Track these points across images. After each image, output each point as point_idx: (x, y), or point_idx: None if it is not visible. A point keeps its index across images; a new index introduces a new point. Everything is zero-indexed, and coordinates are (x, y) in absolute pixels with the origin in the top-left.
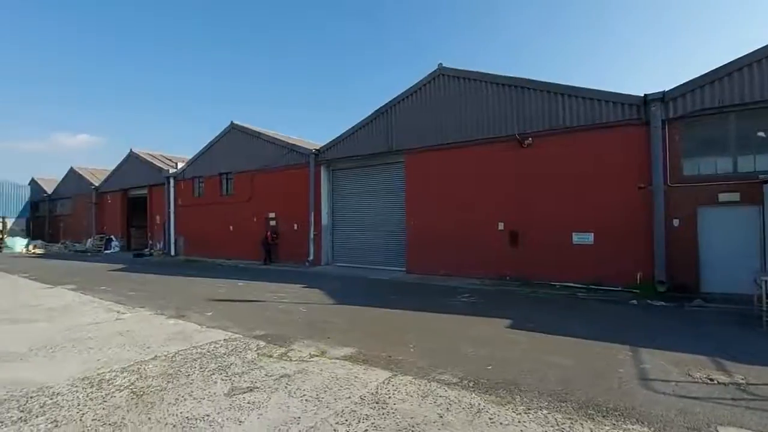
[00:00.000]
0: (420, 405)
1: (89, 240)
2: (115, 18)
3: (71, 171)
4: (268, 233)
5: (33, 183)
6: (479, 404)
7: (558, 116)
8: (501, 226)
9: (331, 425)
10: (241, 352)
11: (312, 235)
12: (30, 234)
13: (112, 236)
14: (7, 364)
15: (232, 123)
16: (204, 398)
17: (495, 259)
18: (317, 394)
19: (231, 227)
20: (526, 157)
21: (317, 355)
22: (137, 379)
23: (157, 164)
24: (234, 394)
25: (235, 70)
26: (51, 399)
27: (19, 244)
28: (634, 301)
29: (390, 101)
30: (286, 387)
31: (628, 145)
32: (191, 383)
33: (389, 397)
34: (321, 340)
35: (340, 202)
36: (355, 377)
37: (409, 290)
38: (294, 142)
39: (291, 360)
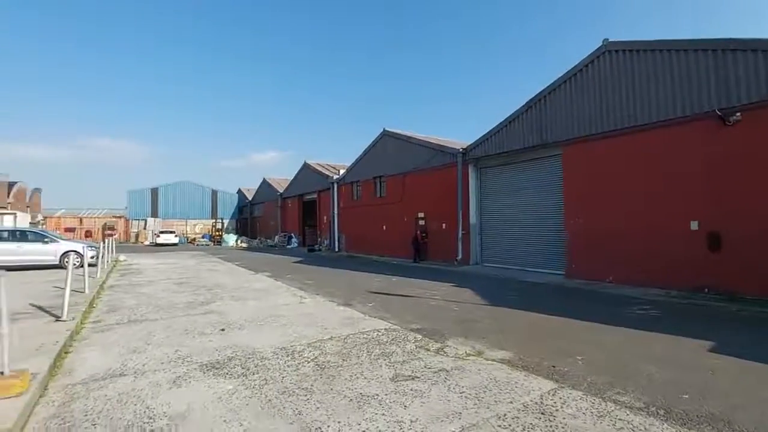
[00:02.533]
0: (595, 425)
1: (276, 237)
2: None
3: (264, 181)
4: (418, 232)
5: (239, 192)
6: None
7: None
8: (695, 225)
9: (494, 427)
10: (400, 342)
11: (460, 235)
12: (238, 232)
13: (292, 234)
14: (232, 331)
15: (384, 129)
16: (372, 379)
17: (685, 265)
18: (476, 393)
19: (384, 226)
20: (731, 137)
21: (473, 355)
22: (319, 354)
23: (324, 172)
24: (398, 380)
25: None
26: (261, 362)
27: (231, 239)
28: None
29: (542, 90)
30: (445, 381)
31: None
32: (361, 364)
33: (557, 410)
34: (476, 340)
35: (488, 200)
36: (515, 382)
37: (570, 296)
38: (441, 143)
39: (447, 356)
